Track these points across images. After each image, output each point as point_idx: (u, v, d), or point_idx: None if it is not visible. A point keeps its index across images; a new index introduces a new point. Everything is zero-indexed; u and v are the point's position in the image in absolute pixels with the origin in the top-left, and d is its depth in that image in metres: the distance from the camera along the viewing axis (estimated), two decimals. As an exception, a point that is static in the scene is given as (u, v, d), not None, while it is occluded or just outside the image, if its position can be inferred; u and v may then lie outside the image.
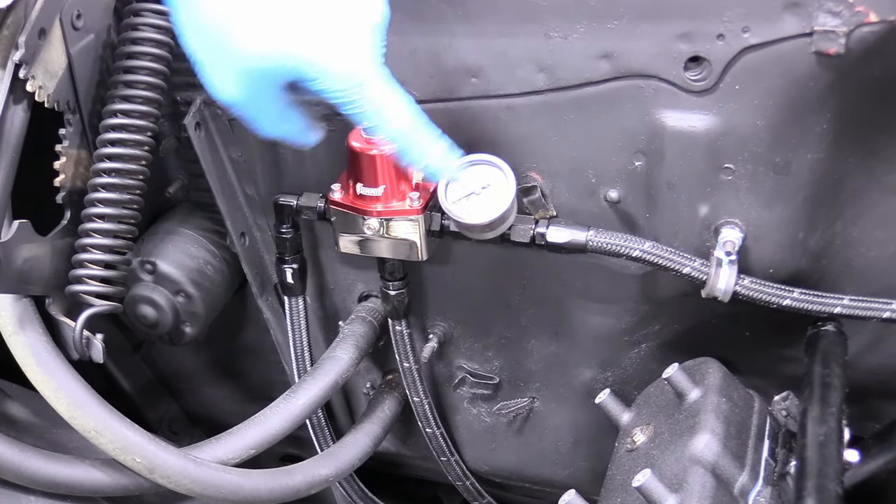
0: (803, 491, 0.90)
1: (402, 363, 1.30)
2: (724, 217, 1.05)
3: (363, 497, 1.55)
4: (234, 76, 0.85)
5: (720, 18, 0.93)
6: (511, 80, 1.05)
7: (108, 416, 1.04)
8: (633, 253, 1.06)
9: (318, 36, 0.82)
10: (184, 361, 1.64)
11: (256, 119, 0.91)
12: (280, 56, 0.83)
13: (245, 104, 0.88)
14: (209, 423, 1.69)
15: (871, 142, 1.01)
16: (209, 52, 0.86)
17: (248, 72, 0.84)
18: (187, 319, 1.32)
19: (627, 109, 1.02)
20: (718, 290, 1.05)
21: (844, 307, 1.05)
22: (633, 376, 1.29)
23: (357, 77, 0.84)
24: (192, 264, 1.31)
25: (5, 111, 0.99)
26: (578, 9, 0.97)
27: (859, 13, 0.88)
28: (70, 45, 1.04)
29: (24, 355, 1.02)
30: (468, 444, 1.47)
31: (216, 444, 1.14)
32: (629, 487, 1.02)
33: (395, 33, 1.05)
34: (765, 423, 1.09)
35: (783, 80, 0.94)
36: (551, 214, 1.11)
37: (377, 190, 1.10)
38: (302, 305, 1.31)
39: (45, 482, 1.05)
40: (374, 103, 0.86)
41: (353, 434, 1.34)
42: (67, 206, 1.10)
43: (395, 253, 1.14)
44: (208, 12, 0.84)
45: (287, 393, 1.22)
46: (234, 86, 0.86)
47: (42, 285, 1.07)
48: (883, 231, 1.08)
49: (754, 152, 1.00)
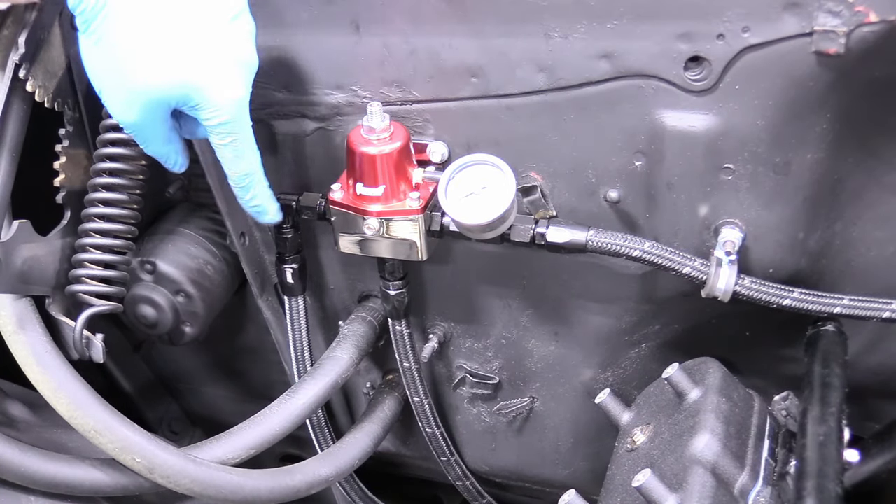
0: (803, 491, 0.90)
1: (402, 363, 1.30)
2: (723, 217, 1.05)
3: (363, 497, 1.55)
4: (131, 102, 0.96)
5: (720, 18, 0.93)
6: (511, 80, 1.05)
7: (108, 416, 1.04)
8: (633, 253, 1.06)
9: (205, 70, 0.96)
10: (184, 361, 1.64)
11: (146, 139, 1.02)
12: (173, 85, 0.95)
13: (139, 126, 0.99)
14: (209, 423, 1.69)
15: (871, 142, 1.01)
16: (111, 80, 0.96)
17: (144, 98, 0.96)
18: (187, 319, 1.32)
19: (627, 109, 1.02)
20: (718, 290, 1.05)
21: (844, 307, 1.05)
22: (633, 376, 1.29)
23: (233, 110, 0.98)
24: (192, 264, 1.31)
25: (5, 111, 0.99)
26: (578, 9, 0.97)
27: (859, 13, 0.88)
28: (70, 45, 1.04)
29: (24, 355, 1.02)
30: (468, 444, 1.47)
31: (216, 444, 1.14)
32: (629, 487, 1.02)
33: (396, 33, 1.06)
34: (765, 423, 1.09)
35: (783, 79, 0.94)
36: (551, 214, 1.11)
37: (377, 190, 1.10)
38: (302, 305, 1.31)
39: (45, 482, 1.05)
40: (238, 137, 1.01)
41: (353, 434, 1.34)
42: (67, 206, 1.10)
43: (395, 253, 1.14)
44: (112, 47, 0.94)
45: (287, 393, 1.22)
46: (131, 110, 0.97)
47: (42, 285, 1.07)
48: (883, 231, 1.08)
49: (754, 152, 1.00)
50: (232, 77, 0.98)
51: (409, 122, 1.12)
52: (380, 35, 1.07)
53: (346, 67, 1.11)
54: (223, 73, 0.97)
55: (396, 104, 1.11)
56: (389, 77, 1.10)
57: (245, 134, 1.01)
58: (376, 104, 1.08)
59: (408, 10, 1.04)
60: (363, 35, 1.07)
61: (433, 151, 1.13)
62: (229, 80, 0.97)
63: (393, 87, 1.10)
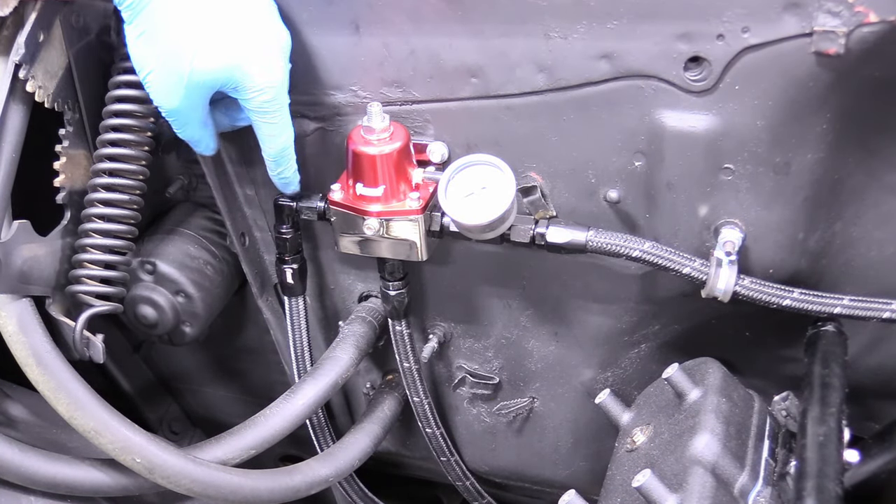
0: (803, 491, 0.90)
1: (402, 363, 1.30)
2: (723, 217, 1.05)
3: (363, 497, 1.55)
4: (177, 87, 1.01)
5: (720, 18, 0.93)
6: (511, 80, 1.05)
7: (108, 416, 1.04)
8: (633, 253, 1.06)
9: (249, 53, 1.00)
10: (184, 361, 1.64)
11: (184, 124, 1.06)
12: (219, 69, 1.00)
13: (180, 111, 1.03)
14: (209, 423, 1.69)
15: (871, 142, 1.01)
16: (158, 67, 1.00)
17: (190, 83, 1.00)
18: (187, 319, 1.32)
19: (627, 109, 1.02)
20: (718, 291, 1.05)
21: (844, 307, 1.05)
22: (633, 376, 1.29)
23: (275, 89, 1.03)
24: (192, 264, 1.31)
25: (5, 111, 0.99)
26: (578, 9, 0.97)
27: (859, 13, 0.88)
28: (70, 46, 1.05)
29: (24, 355, 1.02)
30: (468, 444, 1.47)
31: (216, 444, 1.14)
32: (629, 487, 1.02)
33: (396, 33, 1.06)
34: (765, 423, 1.09)
35: (783, 80, 0.94)
36: (551, 214, 1.11)
37: (377, 190, 1.10)
38: (302, 305, 1.31)
39: (45, 482, 1.05)
40: (278, 114, 1.05)
41: (353, 434, 1.34)
42: (67, 206, 1.10)
43: (395, 253, 1.14)
44: (157, 35, 0.98)
45: (287, 393, 1.22)
46: (174, 96, 1.01)
47: (42, 285, 1.07)
48: (883, 231, 1.08)
49: (754, 152, 1.00)
50: (273, 58, 1.02)
51: (409, 122, 1.12)
52: (380, 35, 1.07)
53: (346, 67, 1.11)
54: (265, 55, 1.01)
55: (396, 104, 1.11)
56: (389, 77, 1.10)
57: (284, 111, 1.06)
58: (376, 104, 1.08)
59: (408, 10, 1.04)
60: (363, 35, 1.07)
61: (433, 152, 1.13)
62: (271, 60, 1.02)
63: (393, 87, 1.10)
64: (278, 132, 1.07)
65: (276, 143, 1.08)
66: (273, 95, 1.03)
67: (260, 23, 1.02)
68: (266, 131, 1.07)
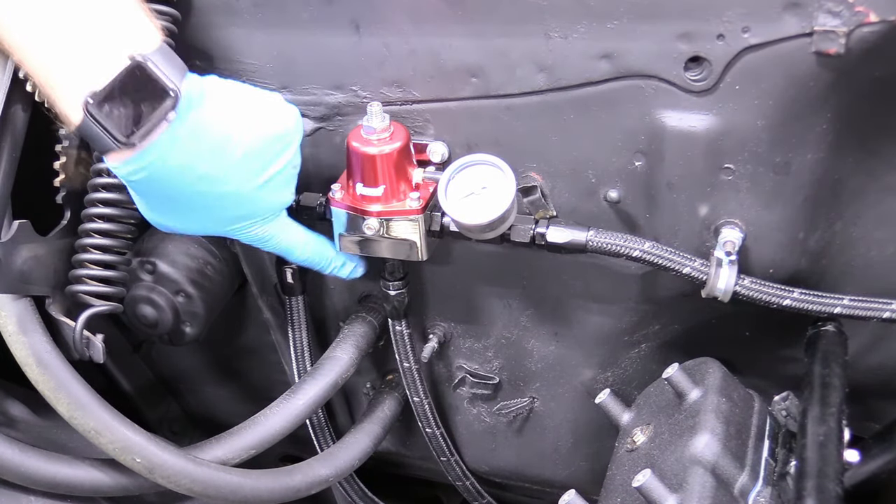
0: (803, 491, 0.90)
1: (402, 363, 1.30)
2: (723, 217, 1.05)
3: (363, 497, 1.55)
4: (196, 232, 1.09)
5: (720, 18, 0.93)
6: (511, 80, 1.05)
7: (108, 416, 1.04)
8: (633, 253, 1.06)
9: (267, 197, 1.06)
10: (184, 361, 1.64)
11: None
12: (244, 222, 1.07)
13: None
14: (209, 423, 1.69)
15: (871, 142, 1.01)
16: (183, 224, 1.05)
17: (207, 230, 1.07)
18: (187, 319, 1.32)
19: (627, 109, 1.02)
20: (718, 290, 1.05)
21: (844, 307, 1.05)
22: (633, 376, 1.29)
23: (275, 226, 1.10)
24: (192, 264, 1.31)
25: (5, 111, 0.99)
26: (578, 9, 0.97)
27: (859, 13, 0.88)
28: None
29: (24, 355, 1.02)
30: (468, 444, 1.47)
31: (216, 444, 1.14)
32: (629, 487, 1.02)
33: (396, 33, 1.06)
34: (765, 423, 1.09)
35: (783, 80, 0.94)
36: (551, 214, 1.11)
37: (377, 190, 1.10)
38: (302, 305, 1.31)
39: (45, 482, 1.05)
40: (282, 240, 1.12)
41: (353, 434, 1.34)
42: (67, 206, 1.10)
43: (395, 253, 1.14)
44: (168, 203, 1.01)
45: (287, 393, 1.22)
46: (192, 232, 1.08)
47: (42, 285, 1.07)
48: (883, 231, 1.08)
49: (754, 152, 1.00)
50: (280, 200, 1.09)
51: (409, 122, 1.12)
52: (380, 35, 1.07)
53: (346, 67, 1.11)
54: (275, 199, 1.08)
55: (396, 104, 1.11)
56: (389, 77, 1.10)
57: (293, 235, 1.13)
58: (376, 104, 1.08)
59: (408, 10, 1.04)
60: (363, 35, 1.07)
61: (433, 151, 1.13)
62: (277, 201, 1.09)
63: (393, 87, 1.10)
64: (285, 250, 1.14)
65: (294, 257, 1.16)
66: (269, 230, 1.10)
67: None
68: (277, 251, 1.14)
